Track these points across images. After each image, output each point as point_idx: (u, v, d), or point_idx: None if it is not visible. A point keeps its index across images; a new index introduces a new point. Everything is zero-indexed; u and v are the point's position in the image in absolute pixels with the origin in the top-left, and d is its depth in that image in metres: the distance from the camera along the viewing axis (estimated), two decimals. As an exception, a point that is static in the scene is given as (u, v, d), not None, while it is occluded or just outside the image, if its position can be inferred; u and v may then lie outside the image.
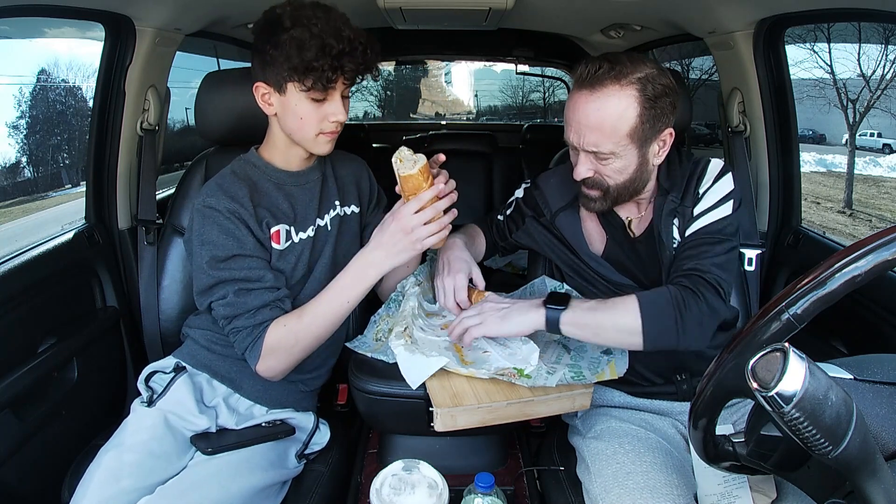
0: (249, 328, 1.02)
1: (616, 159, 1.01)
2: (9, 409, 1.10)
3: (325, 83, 0.98)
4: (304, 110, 1.02)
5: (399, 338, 1.04)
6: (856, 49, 3.02)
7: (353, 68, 1.00)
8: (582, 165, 1.04)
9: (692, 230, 1.06)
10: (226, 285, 1.01)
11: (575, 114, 1.00)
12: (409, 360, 1.00)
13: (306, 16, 0.97)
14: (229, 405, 1.12)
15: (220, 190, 1.05)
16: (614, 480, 0.95)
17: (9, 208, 2.70)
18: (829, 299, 0.56)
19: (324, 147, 1.08)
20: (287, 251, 1.10)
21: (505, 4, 1.43)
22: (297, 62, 0.96)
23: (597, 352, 1.08)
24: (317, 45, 0.95)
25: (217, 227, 1.02)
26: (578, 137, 1.01)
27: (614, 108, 0.97)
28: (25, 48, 2.57)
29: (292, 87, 1.00)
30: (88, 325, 1.35)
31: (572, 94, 1.03)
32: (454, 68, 4.84)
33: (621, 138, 0.98)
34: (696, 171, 1.10)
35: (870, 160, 3.71)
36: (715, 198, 1.06)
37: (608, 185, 1.05)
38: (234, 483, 0.97)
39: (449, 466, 1.01)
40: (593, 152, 1.01)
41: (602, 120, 0.97)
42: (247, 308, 1.01)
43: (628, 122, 0.97)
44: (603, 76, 0.97)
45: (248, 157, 1.14)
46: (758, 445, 0.66)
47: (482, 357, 1.05)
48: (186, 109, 2.81)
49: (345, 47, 0.97)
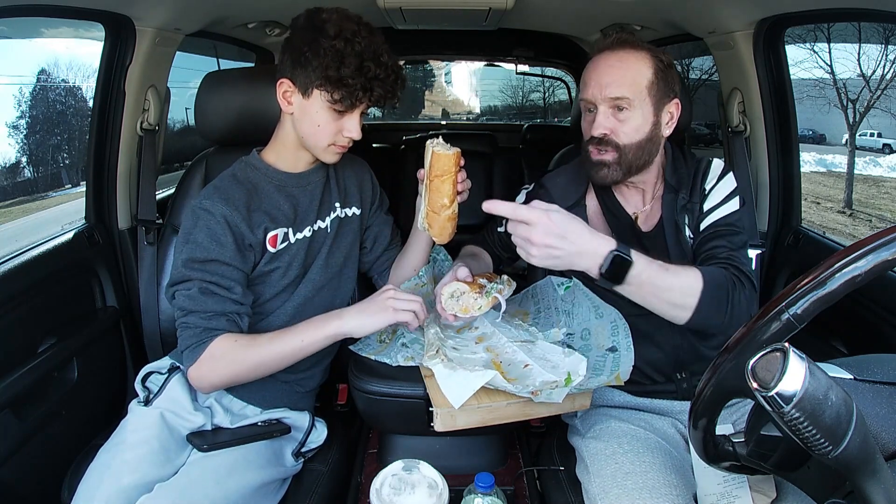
0: (200, 329, 1.00)
1: (633, 112, 1.04)
2: (9, 409, 1.10)
3: (352, 101, 1.01)
4: (323, 119, 1.03)
5: (434, 358, 1.01)
6: (856, 49, 3.02)
7: (381, 94, 1.02)
8: (601, 116, 1.05)
9: (708, 222, 1.09)
10: (194, 282, 1.01)
11: (596, 69, 1.06)
12: (450, 377, 0.96)
13: (351, 31, 0.98)
14: (223, 405, 1.12)
15: (217, 193, 1.05)
16: (613, 480, 0.95)
17: (9, 208, 2.70)
18: (829, 299, 0.56)
19: (331, 157, 1.10)
20: (281, 252, 1.10)
21: (505, 4, 1.43)
22: (333, 73, 0.97)
23: (601, 350, 1.07)
24: (356, 63, 0.97)
25: (205, 230, 1.02)
26: (600, 89, 1.04)
27: (634, 62, 1.05)
28: (25, 48, 2.57)
29: (318, 93, 1.01)
30: (88, 325, 1.35)
31: (593, 58, 1.09)
32: (456, 68, 4.84)
33: (640, 90, 1.04)
34: (699, 169, 1.14)
35: (870, 160, 3.71)
36: (721, 194, 1.10)
37: (622, 146, 1.05)
38: (232, 480, 0.98)
39: (449, 466, 1.01)
40: (614, 101, 1.04)
41: (624, 70, 1.04)
42: (204, 308, 1.00)
43: (646, 76, 1.05)
44: (623, 40, 1.07)
45: (249, 159, 1.14)
46: (758, 445, 0.66)
47: (524, 372, 1.00)
48: (186, 109, 2.81)
49: (380, 73, 1.00)
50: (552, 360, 1.03)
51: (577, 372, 0.97)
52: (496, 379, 0.94)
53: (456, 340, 1.11)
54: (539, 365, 1.01)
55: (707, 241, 1.07)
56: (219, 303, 1.01)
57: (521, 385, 0.95)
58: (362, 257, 1.28)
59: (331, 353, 1.24)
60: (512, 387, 0.94)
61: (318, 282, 1.16)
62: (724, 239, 1.06)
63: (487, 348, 1.08)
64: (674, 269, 0.94)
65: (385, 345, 1.15)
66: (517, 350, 1.05)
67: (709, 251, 1.06)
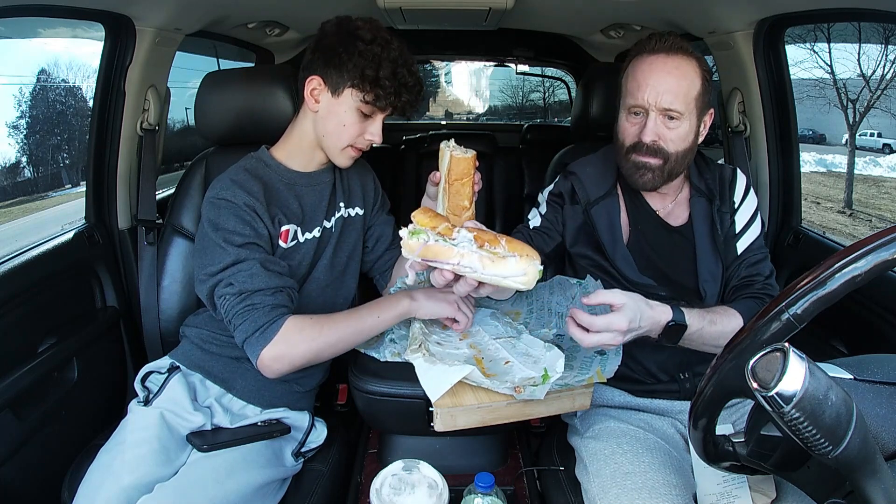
0: (268, 307, 0.98)
1: (682, 122, 1.06)
2: (9, 409, 1.10)
3: (384, 103, 1.05)
4: (350, 119, 1.07)
5: (416, 353, 1.02)
6: (856, 49, 3.02)
7: (407, 100, 1.07)
8: (652, 123, 1.06)
9: (743, 247, 1.14)
10: (249, 261, 1.00)
11: (652, 74, 1.05)
12: (428, 371, 0.97)
13: (385, 39, 1.05)
14: (223, 405, 1.12)
15: (235, 185, 1.06)
16: (612, 480, 0.95)
17: (9, 208, 2.70)
18: (829, 299, 0.56)
19: (345, 161, 1.12)
20: (292, 250, 1.11)
21: (505, 4, 1.43)
22: (370, 74, 1.02)
23: (590, 351, 1.07)
24: (391, 68, 1.03)
25: (234, 217, 1.02)
26: (655, 96, 1.04)
27: (687, 72, 1.05)
28: (25, 48, 2.57)
29: (350, 93, 1.05)
30: (88, 326, 1.35)
31: (643, 59, 1.07)
32: (456, 68, 4.84)
33: (691, 101, 1.05)
34: (724, 177, 1.19)
35: (870, 160, 3.71)
36: (748, 212, 1.17)
37: (669, 153, 1.07)
38: (231, 480, 0.98)
39: (449, 466, 1.01)
40: (666, 112, 1.05)
41: (680, 79, 1.04)
42: (269, 284, 0.99)
43: (696, 87, 1.06)
44: (678, 46, 1.06)
45: (259, 155, 1.15)
46: (758, 445, 0.66)
47: (504, 368, 1.02)
48: (186, 109, 2.81)
49: (410, 81, 1.06)
50: (533, 355, 1.04)
51: (554, 368, 0.97)
52: (475, 374, 0.95)
53: (440, 336, 1.12)
54: (520, 361, 1.02)
55: (742, 268, 1.13)
56: (279, 278, 1.02)
57: (500, 381, 0.96)
58: (364, 257, 1.29)
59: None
60: (489, 382, 0.95)
61: (323, 281, 1.16)
62: (758, 266, 1.14)
63: (471, 345, 1.09)
64: (719, 318, 1.01)
65: (376, 339, 1.15)
66: (500, 347, 1.07)
67: (746, 279, 1.13)
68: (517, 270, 0.83)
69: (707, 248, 1.13)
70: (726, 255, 1.14)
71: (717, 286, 1.13)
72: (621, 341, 0.93)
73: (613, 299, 0.92)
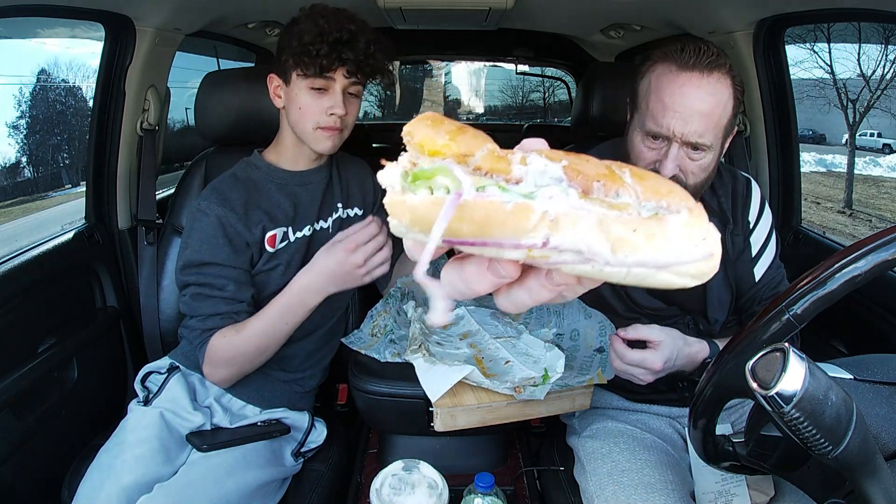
0: (198, 331, 1.05)
1: (708, 154, 0.92)
2: (9, 409, 1.10)
3: (319, 69, 1.01)
4: (304, 101, 1.05)
5: (416, 353, 1.02)
6: (856, 49, 3.02)
7: (352, 59, 1.02)
8: (674, 154, 0.91)
9: (760, 272, 1.08)
10: (188, 288, 1.06)
11: (684, 98, 0.88)
12: (428, 371, 0.97)
13: (318, 13, 1.03)
14: (222, 405, 1.12)
15: (214, 194, 1.08)
16: (609, 478, 0.95)
17: (9, 208, 2.70)
18: (829, 299, 0.56)
19: (324, 143, 1.09)
20: (280, 251, 1.11)
21: (505, 4, 1.43)
22: (297, 46, 1.01)
23: (589, 350, 1.07)
24: (316, 31, 1.00)
25: (198, 233, 1.06)
26: (683, 126, 0.89)
27: (723, 96, 0.90)
28: (25, 48, 2.57)
29: (295, 76, 1.05)
30: (88, 326, 1.34)
31: (673, 76, 0.90)
32: (456, 68, 4.84)
33: (720, 130, 0.92)
34: (738, 191, 1.08)
35: (870, 160, 3.71)
36: (765, 231, 1.09)
37: (687, 185, 0.93)
38: (231, 480, 0.98)
39: (449, 466, 1.01)
40: (691, 144, 0.91)
41: (714, 106, 0.89)
42: (198, 312, 1.05)
43: (728, 112, 0.92)
44: (714, 62, 0.89)
45: (250, 159, 1.16)
46: (758, 445, 0.66)
47: (504, 368, 1.02)
48: (186, 109, 2.81)
49: (343, 36, 1.01)
50: (534, 355, 1.04)
51: (554, 368, 0.97)
52: (474, 374, 0.95)
53: (440, 336, 1.12)
54: (520, 361, 1.02)
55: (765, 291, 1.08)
56: (211, 305, 1.04)
57: (500, 381, 0.96)
58: None
59: (331, 352, 1.24)
60: (489, 382, 0.95)
61: None
62: (779, 288, 1.08)
63: (471, 345, 1.10)
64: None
65: (377, 339, 1.15)
66: (500, 347, 1.06)
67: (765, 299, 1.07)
68: (690, 242, 0.26)
69: (717, 276, 1.06)
70: (739, 281, 1.08)
71: (726, 314, 1.08)
72: (651, 380, 0.88)
73: (650, 335, 0.86)
